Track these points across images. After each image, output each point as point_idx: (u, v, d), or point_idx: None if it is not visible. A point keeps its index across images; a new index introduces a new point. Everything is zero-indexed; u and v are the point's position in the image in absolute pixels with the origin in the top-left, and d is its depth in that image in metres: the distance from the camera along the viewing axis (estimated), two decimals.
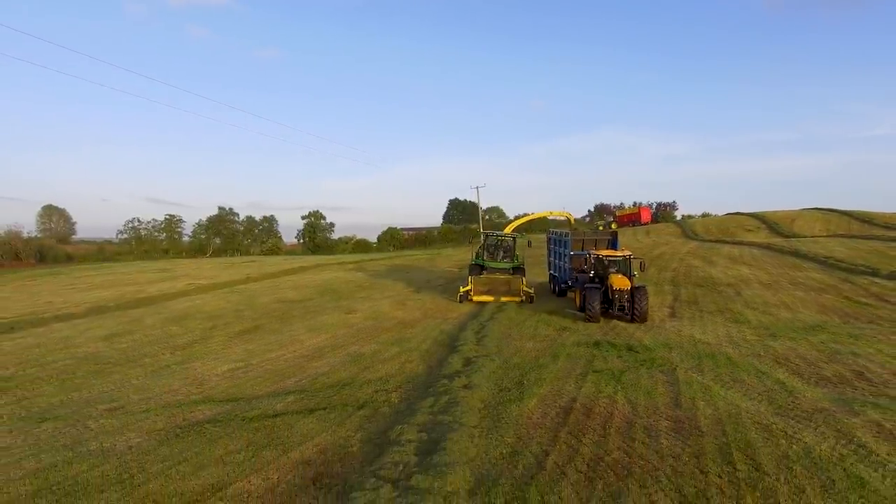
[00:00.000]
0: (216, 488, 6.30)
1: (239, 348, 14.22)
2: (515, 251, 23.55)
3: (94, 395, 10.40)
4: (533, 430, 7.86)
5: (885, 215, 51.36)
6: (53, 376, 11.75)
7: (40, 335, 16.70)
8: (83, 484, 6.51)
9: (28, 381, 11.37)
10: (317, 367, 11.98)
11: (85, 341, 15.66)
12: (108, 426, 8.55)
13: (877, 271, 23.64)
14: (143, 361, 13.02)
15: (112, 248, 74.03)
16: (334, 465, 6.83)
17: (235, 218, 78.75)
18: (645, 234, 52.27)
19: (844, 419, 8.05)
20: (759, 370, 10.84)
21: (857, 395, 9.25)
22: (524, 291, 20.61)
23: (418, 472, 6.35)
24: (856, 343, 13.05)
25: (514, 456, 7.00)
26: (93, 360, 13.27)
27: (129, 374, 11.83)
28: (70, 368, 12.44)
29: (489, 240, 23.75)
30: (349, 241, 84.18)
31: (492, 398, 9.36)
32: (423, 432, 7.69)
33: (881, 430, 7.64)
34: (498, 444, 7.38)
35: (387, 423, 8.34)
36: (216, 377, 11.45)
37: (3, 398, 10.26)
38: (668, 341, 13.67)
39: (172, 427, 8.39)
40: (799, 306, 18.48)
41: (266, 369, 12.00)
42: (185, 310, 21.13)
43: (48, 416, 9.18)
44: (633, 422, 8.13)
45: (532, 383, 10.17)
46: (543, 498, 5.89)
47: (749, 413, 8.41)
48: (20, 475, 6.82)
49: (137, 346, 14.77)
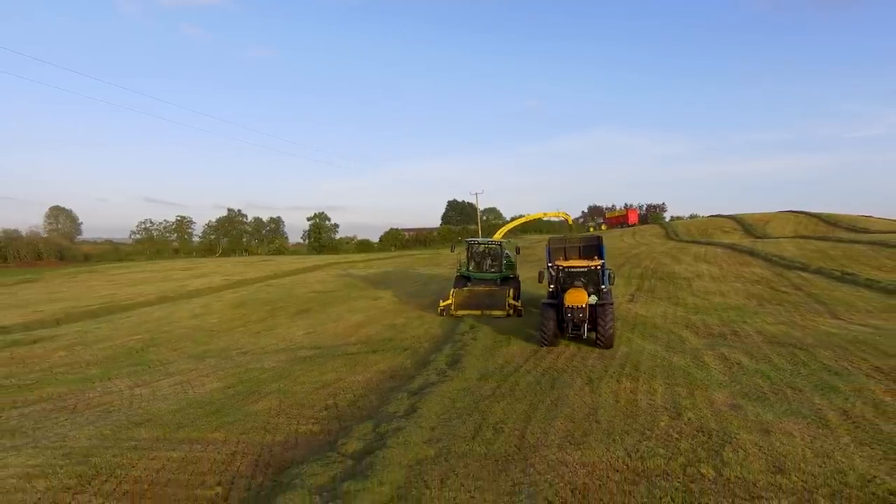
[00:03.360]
0: (337, 379, 11.74)
1: (302, 322, 19.66)
2: (505, 259, 21.85)
3: (222, 346, 15.83)
4: (513, 358, 13.33)
5: (850, 217, 57.16)
6: (184, 337, 17.18)
7: (140, 316, 22.07)
8: (260, 380, 11.93)
9: (170, 340, 16.79)
10: (366, 332, 17.42)
11: (178, 319, 21.03)
12: (249, 359, 13.99)
13: (807, 266, 29.25)
14: (237, 330, 18.45)
15: (126, 249, 79.12)
16: (399, 371, 12.29)
17: (244, 219, 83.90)
18: (631, 236, 57.92)
19: (703, 351, 13.54)
20: (671, 331, 16.32)
21: (724, 342, 14.74)
22: (510, 304, 19.06)
23: (448, 371, 11.80)
24: (751, 318, 18.56)
25: (502, 367, 12.46)
26: (199, 329, 18.69)
27: (235, 337, 17.27)
28: (189, 335, 17.85)
29: (474, 248, 22.10)
30: (350, 241, 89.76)
31: (488, 345, 14.83)
32: (448, 357, 13.15)
33: (721, 355, 13.12)
34: (492, 362, 12.85)
35: (424, 356, 13.81)
36: (298, 337, 16.90)
37: (164, 348, 15.69)
38: (618, 315, 19.13)
39: (291, 358, 13.84)
40: (731, 294, 24.04)
41: (330, 333, 17.44)
42: (238, 299, 26.52)
43: (205, 356, 14.62)
44: (574, 354, 13.60)
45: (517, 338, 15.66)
46: (518, 381, 11.32)
47: (648, 350, 13.88)
48: (222, 382, 12.22)
49: (223, 322, 20.17)
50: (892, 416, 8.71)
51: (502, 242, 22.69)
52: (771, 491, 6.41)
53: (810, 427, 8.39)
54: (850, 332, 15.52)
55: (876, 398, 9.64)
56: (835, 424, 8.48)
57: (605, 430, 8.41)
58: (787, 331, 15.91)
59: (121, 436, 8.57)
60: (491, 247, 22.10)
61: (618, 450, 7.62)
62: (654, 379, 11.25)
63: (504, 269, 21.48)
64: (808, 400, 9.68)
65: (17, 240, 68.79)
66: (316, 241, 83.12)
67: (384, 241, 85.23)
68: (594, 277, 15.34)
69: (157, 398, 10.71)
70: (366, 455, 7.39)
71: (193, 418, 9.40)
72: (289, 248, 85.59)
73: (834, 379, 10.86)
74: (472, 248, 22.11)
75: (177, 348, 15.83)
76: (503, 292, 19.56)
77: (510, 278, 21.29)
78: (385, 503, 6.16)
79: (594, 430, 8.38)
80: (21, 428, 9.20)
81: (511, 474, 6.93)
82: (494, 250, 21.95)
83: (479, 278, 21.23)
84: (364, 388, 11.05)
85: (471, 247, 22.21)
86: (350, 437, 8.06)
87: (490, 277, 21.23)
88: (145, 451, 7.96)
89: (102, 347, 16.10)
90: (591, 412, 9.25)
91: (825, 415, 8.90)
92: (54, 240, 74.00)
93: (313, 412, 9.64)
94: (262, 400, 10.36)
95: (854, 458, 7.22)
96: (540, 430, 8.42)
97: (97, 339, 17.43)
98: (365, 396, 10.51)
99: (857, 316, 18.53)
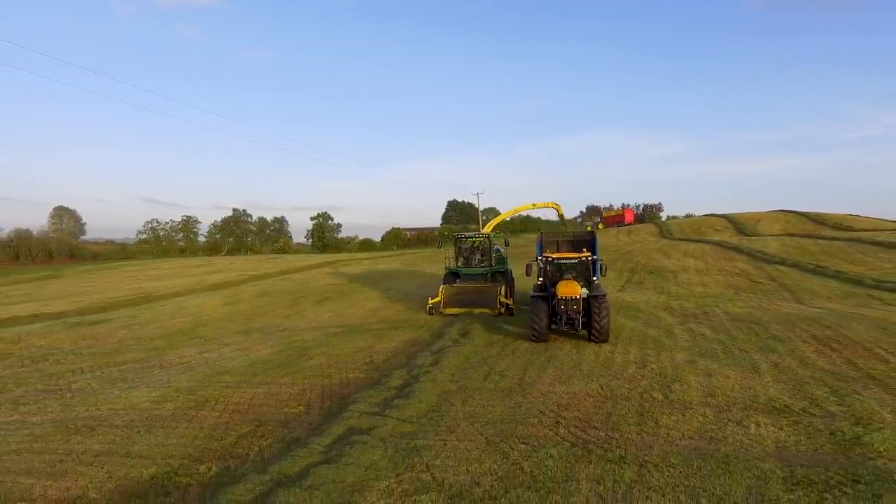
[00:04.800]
0: (369, 346, 14.34)
1: (325, 308, 22.26)
2: (495, 253, 21.41)
3: (261, 325, 18.42)
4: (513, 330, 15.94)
5: (838, 216, 59.94)
6: (223, 319, 19.77)
7: (175, 304, 24.64)
8: (305, 347, 14.52)
9: (212, 322, 19.37)
10: (383, 315, 20.02)
11: (212, 307, 23.60)
12: (289, 334, 16.57)
13: (785, 261, 31.96)
14: (269, 314, 21.04)
15: (133, 248, 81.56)
16: (419, 341, 14.90)
17: (248, 219, 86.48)
18: (626, 234, 60.65)
19: (675, 327, 16.16)
20: (651, 313, 18.95)
21: (694, 321, 17.35)
22: (502, 302, 18.61)
23: (461, 340, 14.41)
24: (724, 303, 21.20)
25: (504, 337, 15.05)
26: (235, 314, 21.27)
27: (269, 319, 19.87)
28: (227, 318, 20.43)
29: (462, 243, 21.71)
30: (352, 240, 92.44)
31: (489, 325, 17.44)
32: (459, 331, 15.77)
33: (689, 329, 15.72)
34: (496, 335, 15.46)
35: (438, 330, 16.42)
36: (325, 319, 19.51)
37: (210, 328, 18.27)
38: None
39: (325, 333, 16.43)
40: (712, 285, 26.70)
41: (352, 316, 20.05)
42: (260, 290, 29.11)
43: (249, 332, 17.20)
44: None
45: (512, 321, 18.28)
46: (517, 346, 13.89)
47: (629, 326, 16.49)
48: (274, 349, 14.80)
49: (254, 308, 22.74)
50: (810, 366, 11.34)
51: (491, 235, 22.39)
52: (701, 406, 9.03)
53: (744, 372, 11.02)
54: (805, 312, 18.18)
55: (803, 355, 12.29)
56: (763, 371, 11.11)
57: (585, 374, 11.04)
58: (751, 312, 18.56)
59: (212, 380, 11.17)
60: (479, 240, 21.71)
61: (594, 385, 10.25)
62: (630, 345, 13.87)
63: (494, 264, 21.14)
64: (750, 357, 12.31)
65: (29, 239, 71.20)
66: (319, 240, 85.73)
67: (386, 241, 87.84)
68: (584, 269, 15.30)
69: (224, 359, 13.30)
70: (405, 387, 10.02)
71: (262, 370, 12.00)
72: (292, 248, 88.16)
73: (776, 343, 13.51)
74: (460, 243, 21.68)
75: (221, 327, 18.41)
76: (494, 289, 19.10)
77: (501, 273, 20.98)
78: (425, 412, 8.77)
79: (577, 375, 11.01)
80: (127, 377, 11.79)
81: (514, 398, 9.55)
82: (483, 244, 21.52)
83: (468, 274, 20.78)
84: (393, 351, 13.67)
85: (458, 241, 21.83)
86: (391, 378, 10.68)
87: (480, 273, 20.78)
88: (235, 388, 10.57)
89: (155, 327, 18.68)
90: (576, 365, 11.87)
91: (759, 365, 11.54)
92: (64, 239, 76.41)
93: (356, 366, 12.25)
94: (312, 359, 12.96)
95: (769, 389, 9.86)
96: (535, 376, 11.03)
97: (147, 321, 20.01)
98: (395, 356, 13.12)
99: (817, 301, 21.22)
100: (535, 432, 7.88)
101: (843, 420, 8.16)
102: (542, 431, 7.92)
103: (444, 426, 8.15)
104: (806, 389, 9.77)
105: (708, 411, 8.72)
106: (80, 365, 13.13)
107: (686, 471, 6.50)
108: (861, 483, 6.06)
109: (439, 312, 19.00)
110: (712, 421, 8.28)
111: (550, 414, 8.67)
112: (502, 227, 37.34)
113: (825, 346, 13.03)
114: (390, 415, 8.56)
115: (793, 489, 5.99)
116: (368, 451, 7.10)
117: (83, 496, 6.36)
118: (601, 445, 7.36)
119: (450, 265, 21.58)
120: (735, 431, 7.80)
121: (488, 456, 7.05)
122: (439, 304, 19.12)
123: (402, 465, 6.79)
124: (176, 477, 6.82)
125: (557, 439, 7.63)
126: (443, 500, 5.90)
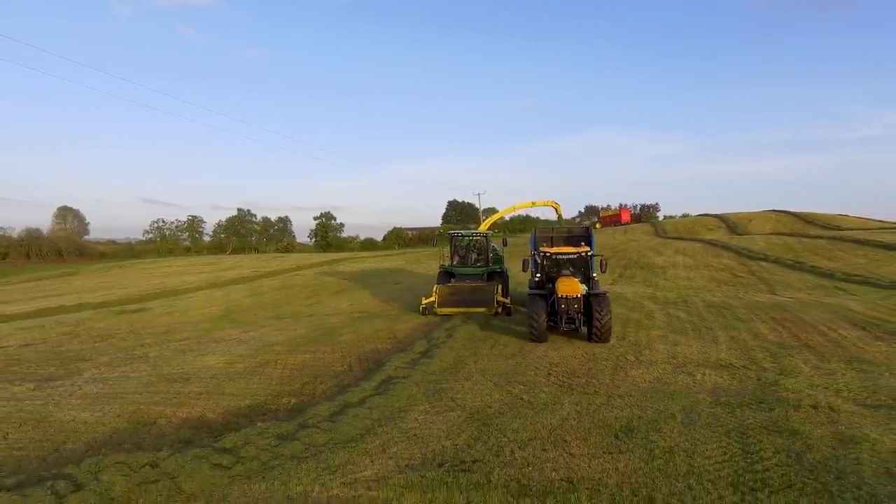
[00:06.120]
0: (389, 327, 16.78)
1: (342, 298, 24.72)
2: (491, 252, 20.86)
3: (289, 312, 20.87)
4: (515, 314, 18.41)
5: (827, 216, 62.54)
6: (253, 308, 22.22)
7: (203, 296, 27.07)
8: (334, 327, 16.96)
9: (242, 310, 21.82)
10: (397, 303, 22.46)
11: (237, 298, 26.03)
12: (316, 318, 19.01)
13: (768, 257, 34.50)
14: (292, 303, 23.49)
15: (140, 247, 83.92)
16: (433, 322, 17.35)
17: (253, 219, 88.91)
18: (622, 233, 63.19)
19: (655, 311, 18.64)
20: (637, 301, 21.42)
21: (673, 307, 19.84)
22: (499, 301, 18.37)
23: (469, 320, 16.87)
24: (704, 293, 23.71)
25: (508, 321, 17.52)
26: (261, 303, 23.72)
27: (294, 307, 22.31)
28: (255, 306, 22.88)
29: (457, 241, 21.16)
30: (353, 239, 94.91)
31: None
32: (468, 315, 18.24)
33: (667, 313, 18.20)
34: (499, 319, 17.92)
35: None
36: (345, 307, 21.96)
37: (242, 314, 20.72)
38: None
39: (348, 318, 18.88)
40: (696, 278, 29.22)
41: (370, 304, 22.50)
42: (278, 284, 31.55)
43: (280, 317, 19.64)
44: None
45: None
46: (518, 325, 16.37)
47: (615, 311, 18.74)
48: (307, 329, 17.25)
49: (277, 299, 25.19)
50: (760, 339, 13.84)
51: (488, 234, 21.76)
52: (663, 364, 11.51)
53: (705, 343, 13.51)
54: (774, 301, 20.70)
55: (758, 331, 14.78)
56: (721, 341, 13.62)
57: (573, 344, 13.52)
58: (725, 300, 21.08)
59: (265, 350, 13.62)
60: (475, 239, 21.09)
61: (579, 351, 12.74)
62: (613, 325, 16.29)
63: (491, 263, 20.61)
64: (713, 332, 14.81)
65: (39, 239, 73.54)
66: (322, 239, 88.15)
67: (388, 240, 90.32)
68: (583, 265, 15.17)
69: (267, 337, 15.73)
70: (427, 352, 12.50)
71: (304, 343, 14.46)
72: (296, 247, 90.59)
73: (738, 323, 16.01)
74: (456, 241, 21.13)
75: (253, 314, 20.85)
76: (490, 288, 18.76)
77: (498, 273, 20.53)
78: (446, 368, 11.25)
79: (566, 345, 13.49)
80: (192, 349, 14.23)
81: (514, 360, 12.03)
82: (479, 242, 20.94)
83: (463, 274, 20.29)
84: (411, 330, 16.15)
85: (454, 240, 21.26)
86: (414, 346, 13.16)
87: (476, 272, 20.23)
88: (287, 355, 13.03)
89: (194, 314, 21.12)
90: (566, 338, 14.35)
91: (718, 338, 14.03)
92: (73, 238, 78.76)
93: (382, 340, 14.72)
94: (343, 336, 15.42)
95: (721, 353, 12.35)
96: (531, 346, 13.50)
97: (184, 309, 22.44)
98: (414, 333, 15.60)
99: (788, 291, 23.77)
100: (531, 379, 10.37)
101: (770, 372, 10.65)
102: (537, 379, 10.41)
103: (462, 376, 10.63)
104: (751, 354, 12.27)
105: (668, 367, 11.21)
106: (145, 341, 15.57)
107: (641, 399, 8.99)
108: (763, 403, 8.56)
109: (433, 313, 18.64)
110: (669, 372, 10.78)
111: (543, 369, 11.16)
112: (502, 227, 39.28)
113: (779, 325, 15.54)
114: (418, 370, 11.03)
115: (714, 407, 8.49)
116: (407, 388, 9.59)
117: (203, 416, 8.82)
118: (581, 386, 9.85)
119: (445, 264, 21.08)
120: (685, 378, 10.29)
121: (496, 392, 9.54)
122: (433, 304, 18.75)
123: (433, 397, 9.28)
124: (266, 406, 9.29)
125: (548, 383, 10.11)
126: (465, 415, 8.37)
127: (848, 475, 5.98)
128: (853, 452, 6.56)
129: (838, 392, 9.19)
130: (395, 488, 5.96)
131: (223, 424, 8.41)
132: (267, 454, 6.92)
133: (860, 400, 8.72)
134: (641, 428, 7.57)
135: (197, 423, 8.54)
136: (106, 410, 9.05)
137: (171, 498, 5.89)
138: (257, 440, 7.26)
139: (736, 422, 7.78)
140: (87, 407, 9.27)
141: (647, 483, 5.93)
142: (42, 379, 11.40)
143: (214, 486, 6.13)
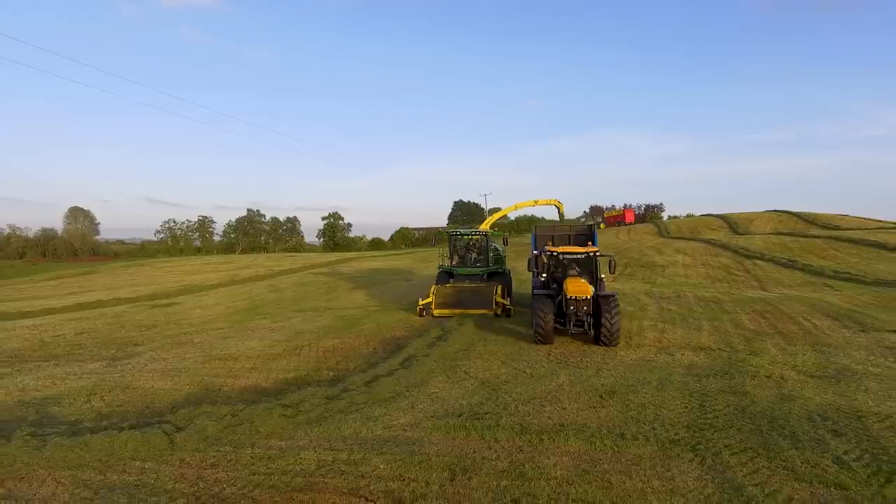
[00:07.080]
0: (405, 318, 18.56)
1: (359, 293, 26.56)
2: (492, 252, 20.62)
3: (310, 306, 22.72)
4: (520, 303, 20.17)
5: (827, 216, 63.90)
6: (275, 302, 24.09)
7: (226, 292, 28.98)
8: (354, 318, 18.77)
9: (266, 304, 23.69)
10: (411, 298, 24.22)
11: (259, 294, 27.92)
12: (336, 311, 20.84)
13: (763, 256, 36.08)
14: (312, 298, 25.34)
15: (153, 247, 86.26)
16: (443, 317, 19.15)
17: (262, 219, 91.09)
18: (626, 233, 64.78)
19: (649, 304, 20.33)
20: (634, 296, 23.12)
21: (667, 301, 21.51)
22: (499, 302, 17.93)
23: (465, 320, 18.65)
24: (697, 289, 25.37)
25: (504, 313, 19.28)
26: (282, 298, 25.59)
27: (314, 301, 24.16)
28: (277, 301, 24.75)
29: (457, 240, 20.77)
30: (360, 239, 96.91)
31: None
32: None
33: (660, 307, 19.88)
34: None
35: None
36: (362, 301, 23.80)
37: (267, 308, 22.58)
38: None
39: (366, 311, 20.70)
40: (693, 276, 30.86)
41: (385, 298, 24.32)
42: (296, 280, 33.43)
43: (303, 310, 21.48)
44: None
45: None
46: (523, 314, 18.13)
47: None
48: (330, 320, 19.06)
49: (297, 294, 27.05)
50: (740, 327, 15.53)
51: (488, 233, 21.07)
52: (649, 347, 13.23)
53: (689, 331, 15.22)
54: (762, 296, 22.35)
55: (740, 322, 16.47)
56: (704, 329, 15.32)
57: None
58: (717, 295, 22.76)
59: (298, 337, 15.45)
60: (475, 238, 20.67)
61: (577, 338, 14.49)
62: None
63: (491, 263, 20.26)
64: (699, 322, 16.51)
65: (55, 238, 75.95)
66: (330, 239, 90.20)
67: (395, 240, 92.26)
68: (590, 265, 14.98)
69: (296, 326, 17.56)
70: (442, 337, 14.30)
71: (330, 331, 16.28)
72: (304, 247, 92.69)
73: (723, 314, 17.70)
74: (455, 241, 20.76)
75: (278, 307, 22.71)
76: (490, 289, 18.31)
77: (499, 273, 20.20)
78: (459, 349, 13.04)
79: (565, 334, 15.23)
80: (231, 335, 16.08)
81: (519, 343, 13.81)
82: (479, 242, 20.55)
83: (463, 274, 19.92)
84: (426, 321, 17.94)
85: (453, 239, 20.88)
86: (430, 333, 14.96)
87: (476, 273, 19.82)
88: (318, 340, 14.86)
89: (222, 307, 23.01)
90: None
91: (702, 327, 15.74)
92: (87, 238, 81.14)
93: (400, 328, 16.53)
94: (365, 325, 17.23)
95: (702, 339, 14.07)
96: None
97: (211, 303, 24.34)
98: (428, 323, 17.39)
99: (778, 288, 25.39)
100: (533, 358, 12.15)
101: (742, 353, 12.37)
102: (538, 358, 12.18)
103: (473, 356, 12.43)
104: (728, 339, 13.99)
105: (652, 349, 12.96)
106: (186, 330, 17.45)
107: (625, 371, 10.75)
108: (727, 374, 10.30)
109: (430, 314, 18.24)
110: (653, 353, 12.53)
111: (543, 351, 12.92)
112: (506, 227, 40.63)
113: (760, 316, 17.22)
114: (435, 350, 12.83)
115: (685, 377, 10.24)
116: (427, 364, 11.40)
117: (258, 385, 10.65)
118: (576, 363, 11.62)
119: (444, 264, 20.76)
120: (665, 357, 12.04)
121: (503, 367, 11.33)
122: (430, 305, 18.34)
123: (449, 370, 11.08)
124: (309, 377, 11.12)
125: (547, 361, 11.89)
126: (477, 383, 10.16)
127: (777, 420, 7.72)
128: (787, 406, 8.30)
129: (794, 367, 10.90)
130: (425, 430, 7.75)
131: (277, 391, 10.23)
132: (320, 409, 8.73)
133: (809, 372, 10.44)
134: (622, 391, 9.34)
135: (254, 389, 10.38)
136: (177, 381, 10.91)
137: (252, 436, 7.70)
138: (310, 399, 9.09)
139: (700, 387, 9.53)
140: (160, 378, 11.13)
141: (621, 425, 7.70)
142: (109, 359, 13.28)
143: (284, 430, 7.93)
